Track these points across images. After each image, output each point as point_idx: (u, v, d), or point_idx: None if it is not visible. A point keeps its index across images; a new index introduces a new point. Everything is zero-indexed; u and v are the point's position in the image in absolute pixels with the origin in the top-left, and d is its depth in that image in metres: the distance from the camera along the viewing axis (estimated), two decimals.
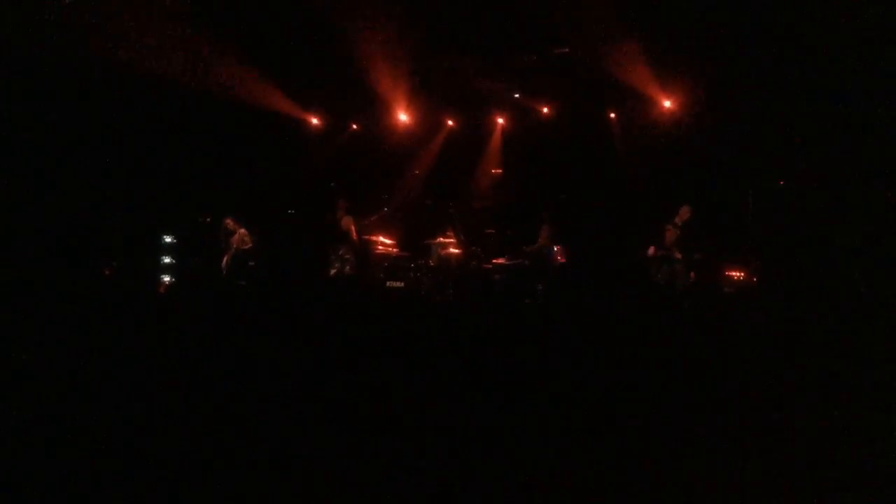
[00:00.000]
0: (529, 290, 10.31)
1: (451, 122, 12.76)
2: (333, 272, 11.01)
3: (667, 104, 10.84)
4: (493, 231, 11.52)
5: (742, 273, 9.95)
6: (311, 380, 4.53)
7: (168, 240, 12.15)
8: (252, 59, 10.59)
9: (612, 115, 11.63)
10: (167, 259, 12.07)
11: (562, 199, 11.62)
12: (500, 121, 12.51)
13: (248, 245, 11.28)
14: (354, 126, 13.13)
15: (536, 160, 12.21)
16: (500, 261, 10.93)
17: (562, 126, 11.83)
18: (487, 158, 12.79)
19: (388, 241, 11.77)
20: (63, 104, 10.05)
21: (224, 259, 11.24)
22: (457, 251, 11.16)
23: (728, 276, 10.00)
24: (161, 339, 5.48)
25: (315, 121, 12.98)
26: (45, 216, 10.05)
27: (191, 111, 11.24)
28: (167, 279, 11.85)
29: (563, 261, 10.79)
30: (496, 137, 12.65)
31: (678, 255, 9.62)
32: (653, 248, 9.85)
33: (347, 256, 10.99)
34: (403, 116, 12.34)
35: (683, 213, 9.76)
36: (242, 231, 11.29)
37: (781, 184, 10.25)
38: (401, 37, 9.73)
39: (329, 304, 8.08)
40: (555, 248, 10.74)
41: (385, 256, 11.55)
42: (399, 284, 10.85)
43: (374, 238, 11.51)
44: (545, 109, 11.93)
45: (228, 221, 11.27)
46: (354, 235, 11.03)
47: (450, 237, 11.24)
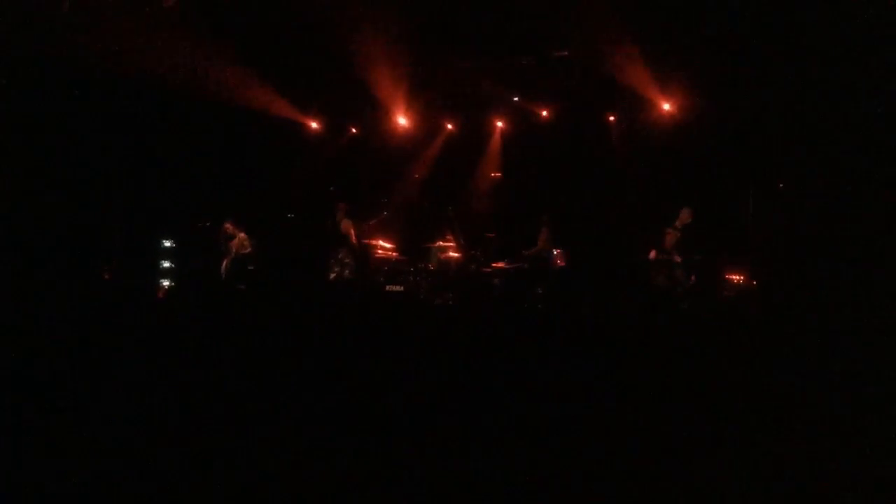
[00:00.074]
0: (529, 294, 10.30)
1: (451, 126, 12.75)
2: (333, 276, 11.00)
3: (666, 107, 10.84)
4: (493, 234, 11.51)
5: (742, 276, 9.94)
6: (311, 383, 4.53)
7: (167, 244, 12.16)
8: (251, 63, 10.60)
9: (612, 118, 11.63)
10: (166, 263, 12.09)
11: (561, 202, 11.60)
12: (500, 124, 12.49)
13: (248, 249, 11.28)
14: (353, 129, 13.13)
15: (536, 163, 12.20)
16: (500, 264, 10.92)
17: (561, 129, 11.82)
18: (487, 161, 12.77)
19: (388, 245, 11.75)
20: (62, 106, 10.07)
21: (223, 263, 11.23)
22: (456, 255, 11.17)
23: (728, 279, 10.00)
24: (160, 343, 5.47)
25: (314, 124, 12.99)
26: (45, 219, 10.06)
27: (190, 114, 11.27)
28: (166, 283, 11.85)
29: (563, 264, 10.78)
30: (495, 140, 12.63)
31: (678, 259, 9.60)
32: (654, 252, 9.84)
33: (347, 260, 10.98)
34: (402, 120, 12.35)
35: (684, 216, 9.73)
36: (242, 235, 11.29)
37: (781, 186, 10.26)
38: (400, 40, 9.73)
39: (328, 308, 8.07)
40: (554, 252, 10.73)
41: (384, 260, 11.54)
42: (398, 288, 10.85)
43: (374, 242, 11.49)
44: (544, 112, 11.91)
45: (228, 225, 11.28)
46: (354, 239, 11.02)
47: (449, 241, 11.24)
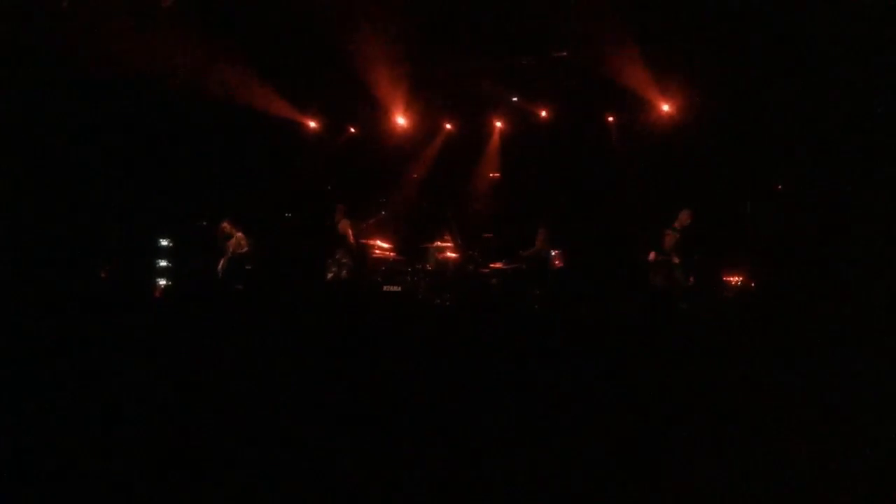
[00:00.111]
0: (527, 295, 10.28)
1: (449, 126, 12.74)
2: (330, 276, 10.98)
3: (665, 108, 10.84)
4: (491, 235, 11.50)
5: (740, 277, 9.93)
6: (308, 384, 4.51)
7: (164, 243, 12.14)
8: (250, 62, 10.59)
9: (610, 119, 11.62)
10: (163, 262, 12.07)
11: (560, 203, 11.59)
12: (498, 124, 12.48)
13: (245, 249, 11.25)
14: (352, 129, 13.11)
15: (534, 164, 12.19)
16: (498, 265, 10.92)
17: (560, 129, 11.82)
18: (485, 162, 12.76)
19: (386, 245, 11.74)
20: (59, 106, 10.04)
21: (220, 262, 11.21)
22: (454, 255, 11.16)
23: (726, 281, 9.99)
24: (156, 343, 5.45)
25: (313, 124, 12.97)
26: (42, 218, 10.03)
27: (188, 114, 11.25)
28: (163, 282, 11.83)
29: (561, 265, 10.77)
30: (494, 141, 12.62)
31: (677, 260, 9.59)
32: (653, 254, 9.82)
33: (344, 260, 10.97)
34: (401, 120, 12.33)
35: (684, 218, 9.71)
36: (239, 234, 11.27)
37: (779, 188, 10.26)
38: (399, 39, 9.73)
39: (326, 308, 8.05)
40: (552, 252, 10.72)
41: (382, 260, 11.53)
42: (396, 288, 10.83)
43: (372, 242, 11.48)
44: (543, 113, 11.90)
45: (225, 225, 11.26)
46: (352, 239, 11.01)
47: (447, 241, 11.23)
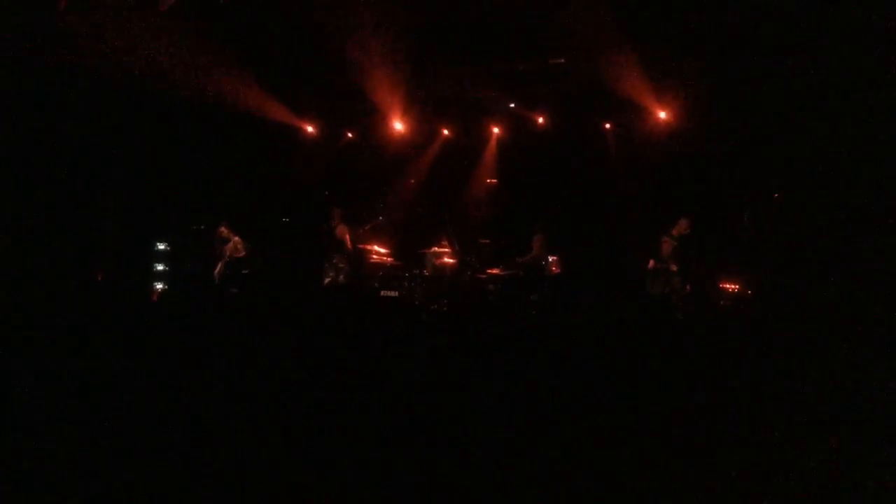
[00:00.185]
0: (523, 301, 10.28)
1: (447, 132, 12.76)
2: (327, 281, 10.98)
3: (662, 115, 10.86)
4: (488, 241, 11.50)
5: (737, 285, 9.94)
6: (304, 388, 4.50)
7: (161, 247, 12.13)
8: (248, 67, 10.60)
9: (608, 126, 11.65)
10: (160, 266, 12.05)
11: (557, 209, 11.61)
12: (496, 130, 12.49)
13: (242, 253, 11.25)
14: (350, 134, 13.13)
15: (532, 170, 12.21)
16: (495, 271, 10.92)
17: (557, 136, 11.84)
18: (482, 168, 12.78)
19: (383, 251, 11.74)
20: (57, 110, 10.04)
21: (217, 267, 11.20)
22: (451, 261, 11.16)
23: (723, 289, 10.00)
24: (152, 346, 5.43)
25: (310, 129, 12.98)
26: (39, 221, 10.01)
27: (186, 118, 11.25)
28: (160, 286, 11.81)
29: (558, 271, 10.77)
30: (491, 147, 12.63)
31: (675, 268, 9.60)
32: (652, 262, 9.82)
33: (341, 265, 10.96)
34: (399, 125, 12.34)
35: (682, 226, 9.71)
36: (237, 239, 11.28)
37: (777, 196, 10.27)
38: (397, 46, 9.74)
39: (322, 313, 8.04)
40: (550, 259, 10.72)
41: (379, 265, 11.53)
42: (393, 294, 10.83)
43: (369, 247, 11.49)
44: (540, 119, 11.92)
45: (223, 229, 11.26)
46: (349, 244, 11.00)
47: (444, 247, 11.24)
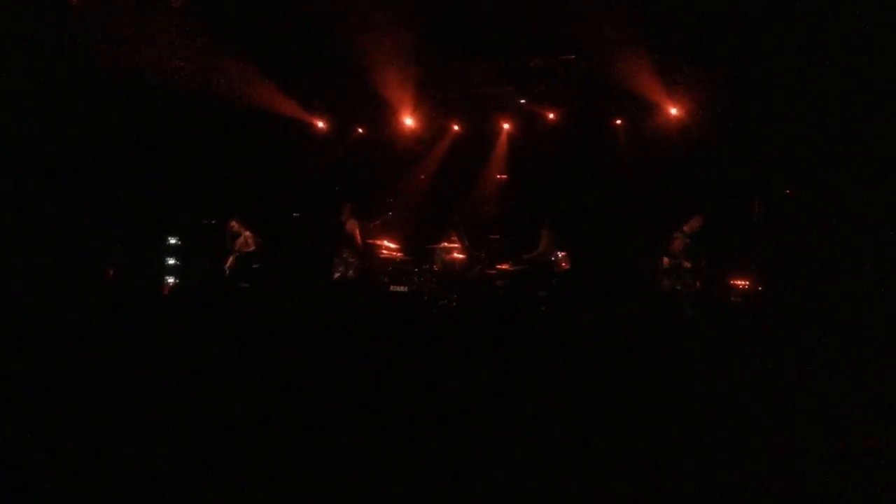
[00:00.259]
0: (531, 297, 10.27)
1: (457, 127, 12.74)
2: (337, 275, 11.00)
3: (673, 111, 10.82)
4: (498, 237, 11.49)
5: (747, 282, 9.91)
6: (314, 383, 4.53)
7: (173, 241, 12.21)
8: (258, 62, 10.63)
9: (618, 122, 11.61)
10: (171, 260, 12.13)
11: (567, 205, 11.59)
12: (506, 126, 12.47)
13: (252, 247, 11.29)
14: (360, 129, 13.13)
15: (542, 166, 12.18)
16: (504, 266, 10.91)
17: (568, 132, 11.80)
18: (493, 164, 12.75)
19: (393, 246, 11.75)
20: (68, 105, 10.10)
21: (228, 261, 11.25)
22: (461, 256, 11.15)
23: (734, 285, 9.97)
24: (164, 340, 5.48)
25: (321, 124, 13.00)
26: (50, 216, 10.09)
27: (197, 113, 11.29)
28: (171, 280, 11.89)
29: (568, 267, 10.75)
30: (501, 143, 12.60)
31: (688, 264, 9.59)
32: (667, 260, 9.80)
33: (351, 260, 10.98)
34: (409, 120, 12.34)
35: (695, 223, 9.71)
36: (247, 233, 11.31)
37: (787, 192, 10.23)
38: (407, 41, 9.74)
39: (332, 308, 8.07)
40: (559, 254, 10.71)
41: (389, 261, 11.53)
42: (402, 289, 10.84)
43: (379, 242, 11.49)
44: (551, 115, 11.88)
45: (234, 224, 11.30)
46: (359, 239, 11.02)
47: (454, 242, 11.23)
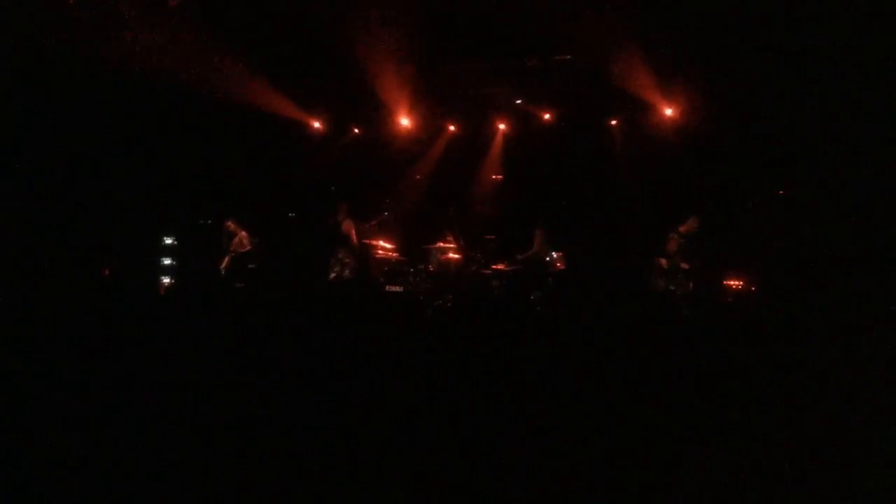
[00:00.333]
0: (525, 297, 10.30)
1: (453, 127, 12.76)
2: (333, 276, 11.00)
3: (668, 112, 10.86)
4: (493, 237, 11.51)
5: (741, 282, 9.95)
6: (309, 383, 4.53)
7: (169, 241, 12.20)
8: (254, 62, 10.62)
9: (614, 122, 11.65)
10: (167, 260, 12.13)
11: (562, 206, 11.62)
12: (502, 126, 12.49)
13: (247, 247, 11.30)
14: (356, 129, 13.14)
15: (537, 166, 12.21)
16: (500, 266, 10.94)
17: (563, 132, 11.84)
18: (488, 164, 12.78)
19: (388, 246, 11.75)
20: (63, 104, 10.08)
21: (224, 261, 11.25)
22: (456, 257, 11.17)
23: (727, 285, 10.00)
24: (159, 340, 5.47)
25: (317, 124, 13.00)
26: (46, 216, 10.07)
27: (193, 112, 11.28)
28: (167, 280, 11.88)
29: (563, 267, 10.78)
30: (497, 143, 12.62)
31: (685, 265, 9.63)
32: (664, 261, 9.83)
33: (347, 260, 10.99)
34: (405, 121, 12.35)
35: (691, 224, 9.75)
36: (243, 233, 11.32)
37: (782, 193, 10.27)
38: (403, 41, 9.75)
39: (328, 308, 8.07)
40: (554, 255, 10.73)
41: (385, 261, 11.54)
42: (398, 289, 10.85)
43: (374, 242, 11.50)
44: (547, 116, 11.92)
45: (230, 224, 11.30)
46: (354, 239, 11.03)
47: (449, 242, 11.24)
